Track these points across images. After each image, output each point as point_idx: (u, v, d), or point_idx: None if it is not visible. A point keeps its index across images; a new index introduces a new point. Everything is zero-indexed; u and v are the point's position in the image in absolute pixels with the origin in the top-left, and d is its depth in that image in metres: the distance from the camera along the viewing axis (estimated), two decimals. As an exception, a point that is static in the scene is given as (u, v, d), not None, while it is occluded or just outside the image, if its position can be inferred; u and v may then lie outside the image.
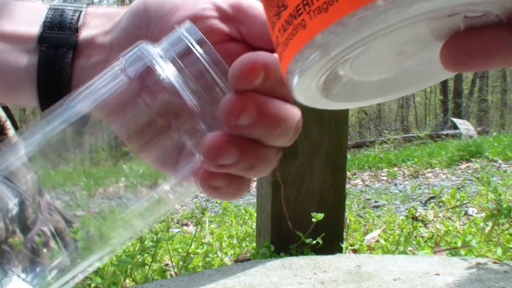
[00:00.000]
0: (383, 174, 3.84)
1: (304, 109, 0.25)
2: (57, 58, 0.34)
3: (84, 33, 0.35)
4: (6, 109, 1.04)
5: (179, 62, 0.26)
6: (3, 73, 0.35)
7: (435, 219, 1.93)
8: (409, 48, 0.20)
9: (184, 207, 2.85)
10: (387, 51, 0.19)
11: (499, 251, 1.02)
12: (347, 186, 3.28)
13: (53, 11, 0.35)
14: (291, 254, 1.04)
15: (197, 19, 0.30)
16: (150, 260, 1.09)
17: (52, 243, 0.30)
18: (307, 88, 0.19)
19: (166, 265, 1.35)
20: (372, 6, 0.15)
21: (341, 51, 0.16)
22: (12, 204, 0.30)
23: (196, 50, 0.26)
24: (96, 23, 0.35)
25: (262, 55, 0.24)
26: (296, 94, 0.19)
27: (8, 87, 0.36)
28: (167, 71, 0.26)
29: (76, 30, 0.35)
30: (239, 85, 0.24)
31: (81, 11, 0.36)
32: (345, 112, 1.12)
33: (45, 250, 0.33)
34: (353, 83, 0.21)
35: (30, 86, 0.35)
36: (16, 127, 1.06)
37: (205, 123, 0.26)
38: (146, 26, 0.33)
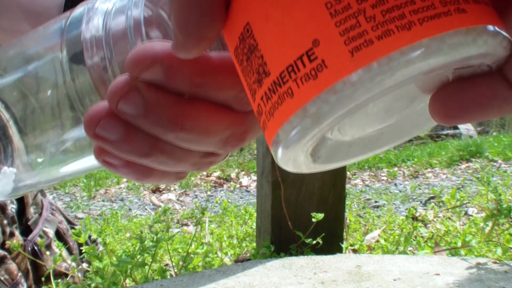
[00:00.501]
0: (383, 174, 3.84)
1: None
2: None
3: None
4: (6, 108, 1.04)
5: (110, 42, 0.25)
6: (32, 9, 0.35)
7: (435, 219, 1.93)
8: (397, 105, 0.19)
9: (184, 207, 2.85)
10: (375, 110, 0.19)
11: (499, 251, 1.02)
12: (347, 186, 3.28)
13: None
14: (291, 254, 1.04)
15: None
16: (150, 260, 1.09)
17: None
18: (295, 158, 0.18)
19: (166, 265, 1.36)
20: (367, 70, 0.14)
21: (334, 119, 0.15)
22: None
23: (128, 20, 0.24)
24: None
25: (163, 47, 0.21)
26: (283, 164, 0.18)
27: (36, 22, 0.36)
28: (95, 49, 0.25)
29: None
30: (128, 71, 0.21)
31: None
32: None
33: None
34: (339, 144, 0.20)
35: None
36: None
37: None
38: None
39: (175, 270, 1.13)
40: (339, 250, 1.09)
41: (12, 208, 0.94)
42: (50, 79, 0.27)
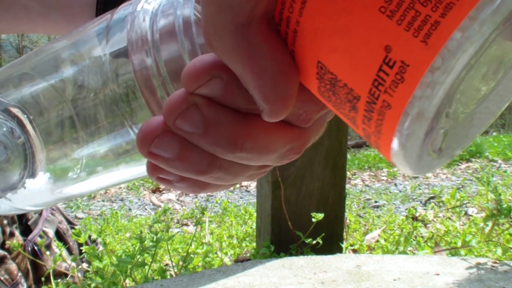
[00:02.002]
0: (383, 174, 3.84)
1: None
2: None
3: None
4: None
5: (156, 36, 0.23)
6: (63, 5, 0.35)
7: (435, 219, 1.93)
8: (494, 71, 0.18)
9: (184, 207, 2.85)
10: (475, 83, 0.18)
11: (499, 251, 1.02)
12: (347, 186, 3.28)
13: None
14: (291, 254, 1.04)
15: None
16: (150, 260, 1.09)
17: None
18: (420, 161, 0.17)
19: (166, 265, 1.35)
20: (445, 51, 0.14)
21: (436, 110, 0.15)
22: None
23: (179, 31, 0.23)
24: None
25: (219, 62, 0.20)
26: (416, 171, 0.17)
27: (68, 19, 0.35)
28: (140, 48, 0.23)
29: None
30: (185, 86, 0.20)
31: None
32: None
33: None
34: (453, 129, 0.19)
35: (88, 19, 0.34)
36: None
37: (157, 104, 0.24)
38: None
39: (175, 270, 1.13)
40: (339, 250, 1.09)
41: (12, 208, 0.94)
42: (91, 83, 0.26)
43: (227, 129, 0.20)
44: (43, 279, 0.97)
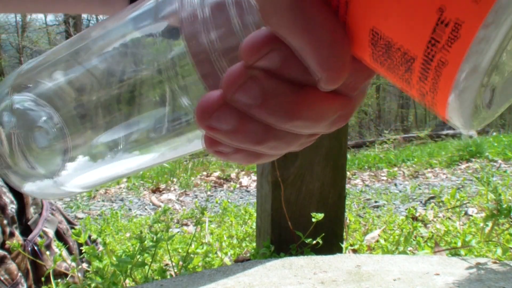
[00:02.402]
0: (383, 174, 3.84)
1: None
2: None
3: None
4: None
5: (208, 9, 0.24)
6: None
7: (435, 219, 1.93)
8: None
9: (184, 207, 2.85)
10: None
11: (499, 251, 1.02)
12: (347, 186, 3.28)
13: None
14: (291, 254, 1.04)
15: None
16: (150, 260, 1.09)
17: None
18: (473, 113, 0.18)
19: (166, 265, 1.35)
20: (497, 8, 0.14)
21: (490, 64, 0.16)
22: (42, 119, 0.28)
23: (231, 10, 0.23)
24: None
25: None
26: (468, 126, 0.18)
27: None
28: (193, 26, 0.24)
29: None
30: (244, 59, 0.21)
31: None
32: (345, 112, 1.12)
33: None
34: (503, 85, 0.20)
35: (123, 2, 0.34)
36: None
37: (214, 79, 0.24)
38: None
39: (175, 270, 1.13)
40: (339, 250, 1.09)
41: (12, 208, 0.94)
42: (142, 62, 0.26)
43: (284, 100, 0.21)
44: (43, 279, 0.97)
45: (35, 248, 0.97)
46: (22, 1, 0.38)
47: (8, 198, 0.94)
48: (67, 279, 1.02)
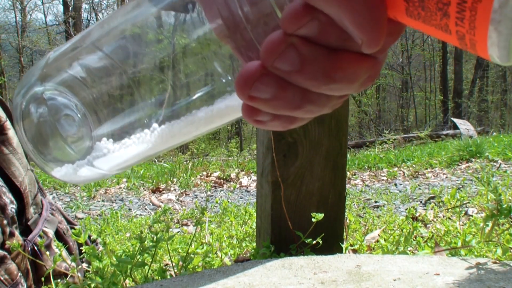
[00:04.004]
0: (383, 174, 3.84)
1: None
2: None
3: None
4: (6, 109, 1.04)
5: None
6: None
7: (435, 219, 1.92)
8: None
9: (184, 207, 2.85)
10: None
11: (499, 251, 1.02)
12: (347, 186, 3.28)
13: None
14: (291, 254, 1.04)
15: None
16: (150, 260, 1.09)
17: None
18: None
19: (166, 265, 1.35)
20: None
21: None
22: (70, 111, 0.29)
23: None
24: None
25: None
26: (509, 57, 0.19)
27: None
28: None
29: None
30: (285, 28, 0.22)
31: None
32: (345, 112, 1.12)
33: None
34: None
35: None
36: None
37: (250, 50, 0.25)
38: None
39: (175, 270, 1.13)
40: (339, 250, 1.09)
41: (12, 208, 0.94)
42: (173, 36, 0.27)
43: (321, 64, 0.23)
44: (43, 279, 0.97)
45: (35, 248, 0.97)
46: None
47: (8, 198, 0.94)
48: (67, 279, 1.02)
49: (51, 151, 0.30)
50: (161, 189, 3.48)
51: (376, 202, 2.67)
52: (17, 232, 0.94)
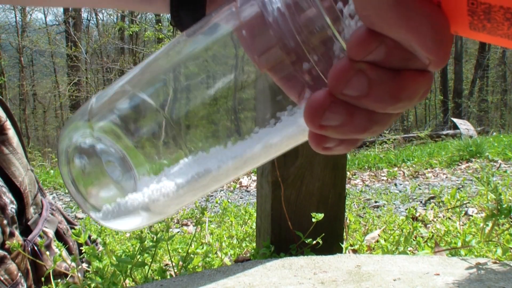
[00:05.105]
0: (383, 174, 3.84)
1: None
2: None
3: None
4: (6, 109, 1.04)
5: (294, 12, 0.24)
6: None
7: (435, 219, 1.93)
8: None
9: (184, 207, 2.85)
10: None
11: (499, 251, 1.02)
12: (347, 186, 3.27)
13: None
14: (291, 254, 1.04)
15: None
16: (150, 260, 1.09)
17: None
18: None
19: (166, 265, 1.35)
20: None
21: None
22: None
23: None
24: None
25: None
26: None
27: None
28: (279, 21, 0.24)
29: None
30: (352, 55, 0.22)
31: None
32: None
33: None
34: None
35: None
36: (16, 127, 1.06)
37: (314, 79, 0.25)
38: None
39: (175, 270, 1.13)
40: (339, 250, 1.09)
41: (12, 208, 0.94)
42: (222, 71, 0.27)
43: (387, 86, 0.23)
44: (43, 279, 0.97)
45: (35, 248, 0.97)
46: None
47: (8, 198, 0.94)
48: (67, 279, 1.02)
49: (96, 195, 0.31)
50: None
51: (376, 202, 2.67)
52: (17, 232, 0.94)
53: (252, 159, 0.30)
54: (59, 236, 1.09)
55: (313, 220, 1.04)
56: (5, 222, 0.91)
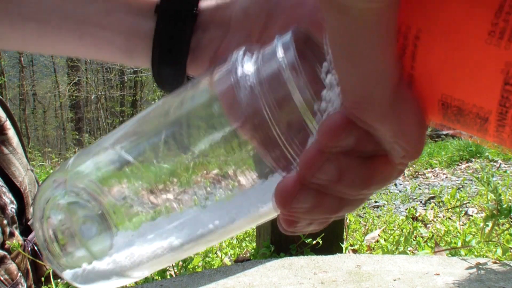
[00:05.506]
0: (383, 174, 3.84)
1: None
2: (174, 34, 0.33)
3: (204, 5, 0.33)
4: (6, 109, 1.04)
5: (266, 91, 0.24)
6: (117, 36, 0.34)
7: (435, 219, 1.93)
8: None
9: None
10: None
11: (499, 251, 1.02)
12: (347, 186, 3.26)
13: None
14: (291, 254, 1.04)
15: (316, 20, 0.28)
16: (150, 260, 1.09)
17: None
18: None
19: (166, 265, 1.35)
20: None
21: None
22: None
23: (290, 84, 0.24)
24: None
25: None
26: None
27: (121, 50, 0.35)
28: (249, 98, 0.25)
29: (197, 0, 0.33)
30: (322, 144, 0.22)
31: None
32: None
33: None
34: None
35: (143, 54, 0.35)
36: (16, 127, 1.06)
37: (283, 161, 0.25)
38: (266, 15, 0.31)
39: (175, 270, 1.13)
40: (339, 250, 1.09)
41: (12, 208, 0.94)
42: (197, 143, 0.27)
43: (359, 173, 0.23)
44: (43, 279, 0.97)
45: (35, 248, 0.97)
46: (40, 37, 0.36)
47: (8, 198, 0.94)
48: (67, 279, 1.02)
49: (69, 254, 0.31)
50: (161, 189, 3.47)
51: (376, 202, 2.67)
52: (17, 232, 0.94)
53: (225, 231, 0.30)
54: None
55: (313, 220, 1.04)
56: (5, 222, 0.91)
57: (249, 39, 0.32)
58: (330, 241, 1.09)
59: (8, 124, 1.00)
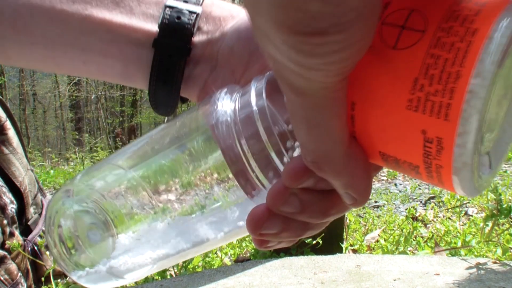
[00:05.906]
0: (383, 174, 3.84)
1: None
2: (170, 67, 0.37)
3: (196, 39, 0.37)
4: (6, 109, 1.04)
5: (239, 131, 0.28)
6: (118, 63, 0.38)
7: (435, 219, 1.93)
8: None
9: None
10: (491, 123, 0.22)
11: (499, 251, 1.02)
12: (347, 186, 3.26)
13: (171, 11, 0.37)
14: (291, 254, 1.04)
15: None
16: (150, 260, 1.09)
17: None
18: (480, 185, 0.22)
19: (166, 265, 1.35)
20: (463, 121, 0.19)
21: (473, 154, 0.20)
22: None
23: (260, 126, 0.28)
24: (208, 28, 0.37)
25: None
26: (472, 194, 0.22)
27: (121, 76, 0.39)
28: (226, 135, 0.28)
29: (191, 35, 0.37)
30: (286, 183, 0.26)
31: (197, 14, 0.37)
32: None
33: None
34: (493, 150, 0.24)
35: (141, 80, 0.39)
36: (16, 127, 1.06)
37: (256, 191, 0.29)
38: (248, 54, 0.35)
39: (175, 270, 1.13)
40: (339, 250, 1.09)
41: (12, 208, 0.94)
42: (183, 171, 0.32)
43: (319, 205, 0.27)
44: (43, 279, 0.97)
45: (35, 248, 0.97)
46: (43, 55, 0.40)
47: (8, 198, 0.94)
48: (67, 279, 1.02)
49: (77, 257, 0.34)
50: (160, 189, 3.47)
51: (376, 202, 2.67)
52: (17, 232, 0.94)
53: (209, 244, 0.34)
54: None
55: (313, 220, 1.04)
56: (5, 222, 0.91)
57: (233, 75, 0.36)
58: (330, 241, 1.09)
59: (8, 124, 1.00)
